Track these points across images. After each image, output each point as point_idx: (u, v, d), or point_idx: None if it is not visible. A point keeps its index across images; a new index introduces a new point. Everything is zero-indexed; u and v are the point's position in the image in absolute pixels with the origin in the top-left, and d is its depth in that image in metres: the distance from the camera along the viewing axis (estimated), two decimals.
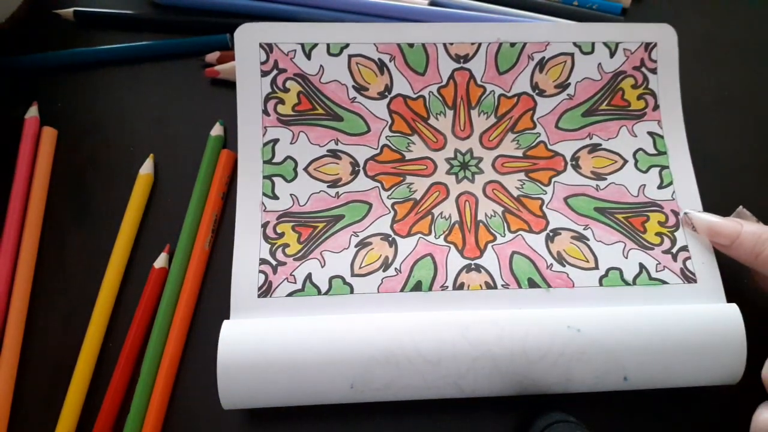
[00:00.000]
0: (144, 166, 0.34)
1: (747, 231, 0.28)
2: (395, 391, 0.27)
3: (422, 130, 0.33)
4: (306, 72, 0.33)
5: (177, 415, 0.29)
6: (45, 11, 0.39)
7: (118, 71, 0.37)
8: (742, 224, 0.29)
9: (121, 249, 0.32)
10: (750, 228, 0.28)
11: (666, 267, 0.31)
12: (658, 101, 0.34)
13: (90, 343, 0.30)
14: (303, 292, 0.30)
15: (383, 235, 0.31)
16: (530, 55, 0.34)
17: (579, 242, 0.32)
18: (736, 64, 0.39)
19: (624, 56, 0.34)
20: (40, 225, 0.33)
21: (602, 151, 0.33)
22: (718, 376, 0.28)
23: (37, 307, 0.31)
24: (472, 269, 0.31)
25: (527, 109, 0.34)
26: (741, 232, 0.28)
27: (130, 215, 0.33)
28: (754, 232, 0.28)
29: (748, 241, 0.28)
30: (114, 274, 0.31)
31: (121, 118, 0.36)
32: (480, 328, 0.27)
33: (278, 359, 0.26)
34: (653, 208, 0.32)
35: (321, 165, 0.33)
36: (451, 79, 0.34)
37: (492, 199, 0.32)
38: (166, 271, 0.31)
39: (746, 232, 0.28)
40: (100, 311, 0.30)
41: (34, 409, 0.29)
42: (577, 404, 0.29)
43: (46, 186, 0.34)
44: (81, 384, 0.29)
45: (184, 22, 0.39)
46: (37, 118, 0.35)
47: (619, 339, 0.27)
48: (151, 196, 0.34)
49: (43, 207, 0.33)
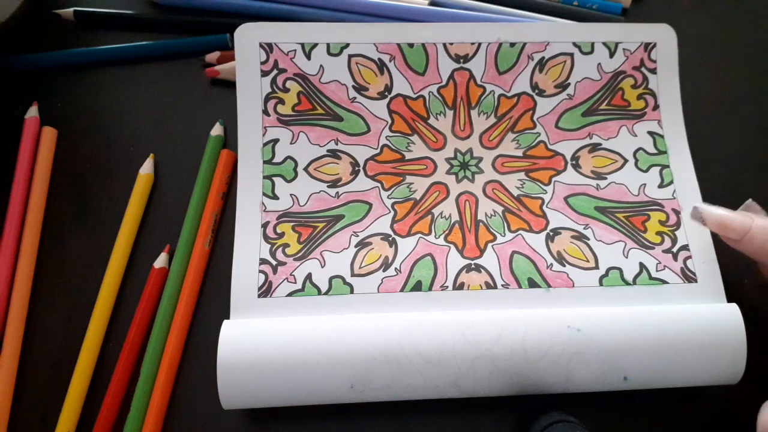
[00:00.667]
0: (144, 166, 0.34)
1: (758, 225, 0.27)
2: (395, 391, 0.27)
3: (422, 130, 0.33)
4: (306, 72, 0.33)
5: (177, 415, 0.29)
6: (45, 11, 0.39)
7: (118, 71, 0.37)
8: (753, 218, 0.28)
9: (122, 249, 0.32)
10: (761, 222, 0.28)
11: (666, 266, 0.31)
12: (657, 101, 0.34)
13: (90, 343, 0.30)
14: (303, 292, 0.30)
15: (383, 235, 0.31)
16: (530, 55, 0.34)
17: (579, 242, 0.32)
18: (737, 64, 0.39)
19: (624, 56, 0.34)
20: (40, 225, 0.33)
21: (602, 150, 0.33)
22: (718, 376, 0.28)
23: (37, 307, 0.31)
24: (472, 269, 0.31)
25: (527, 109, 0.34)
26: (752, 227, 0.27)
27: (130, 215, 0.32)
28: (765, 227, 0.27)
29: (759, 235, 0.27)
30: (114, 274, 0.31)
31: (121, 118, 0.36)
32: (480, 328, 0.27)
33: (278, 359, 0.26)
34: (654, 207, 0.32)
35: (321, 165, 0.33)
36: (451, 79, 0.34)
37: (492, 199, 0.32)
38: (166, 271, 0.31)
39: (757, 226, 0.27)
40: (101, 311, 0.30)
41: (33, 409, 0.29)
42: (577, 404, 0.29)
43: (46, 186, 0.34)
44: (81, 384, 0.29)
45: (184, 22, 0.39)
46: (37, 118, 0.35)
47: (618, 339, 0.27)
48: (151, 196, 0.34)
49: (43, 207, 0.33)
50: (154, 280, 0.31)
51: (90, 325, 0.30)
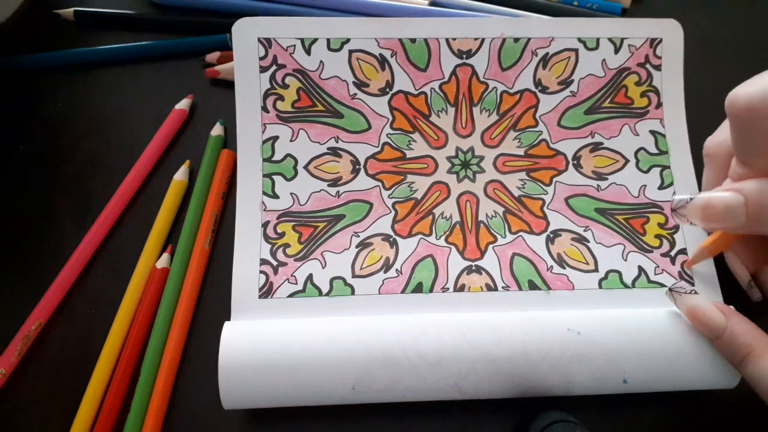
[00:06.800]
0: (178, 173, 0.34)
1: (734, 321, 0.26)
2: (396, 393, 0.27)
3: (423, 127, 0.33)
4: (306, 68, 0.33)
5: (177, 415, 0.29)
6: (45, 11, 0.39)
7: (118, 71, 0.37)
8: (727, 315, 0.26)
9: (149, 254, 0.32)
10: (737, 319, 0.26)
11: (664, 270, 0.31)
12: (661, 99, 0.33)
13: (109, 350, 0.29)
14: (304, 293, 0.30)
15: (384, 235, 0.31)
16: (534, 50, 0.33)
17: (579, 244, 0.31)
18: (737, 64, 0.39)
19: (629, 52, 0.33)
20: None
21: (604, 150, 0.33)
22: (716, 380, 0.27)
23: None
24: (472, 271, 0.30)
25: (529, 106, 0.33)
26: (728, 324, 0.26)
27: (161, 219, 0.33)
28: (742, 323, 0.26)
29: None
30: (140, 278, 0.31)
31: (121, 118, 0.36)
32: (480, 329, 0.27)
33: (280, 360, 0.26)
34: (653, 209, 0.32)
35: (321, 163, 0.32)
36: (453, 75, 0.33)
37: (493, 199, 0.32)
38: (168, 271, 0.31)
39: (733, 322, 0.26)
40: (122, 316, 0.30)
41: (33, 410, 0.29)
42: (577, 404, 0.29)
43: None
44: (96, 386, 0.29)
45: (184, 22, 0.39)
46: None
47: (618, 342, 0.27)
48: None
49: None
50: (155, 280, 0.31)
51: (111, 330, 0.30)
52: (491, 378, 0.26)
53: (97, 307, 0.31)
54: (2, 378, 0.29)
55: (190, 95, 0.36)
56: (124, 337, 0.30)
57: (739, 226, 0.25)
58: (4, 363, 0.29)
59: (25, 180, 0.34)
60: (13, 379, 0.29)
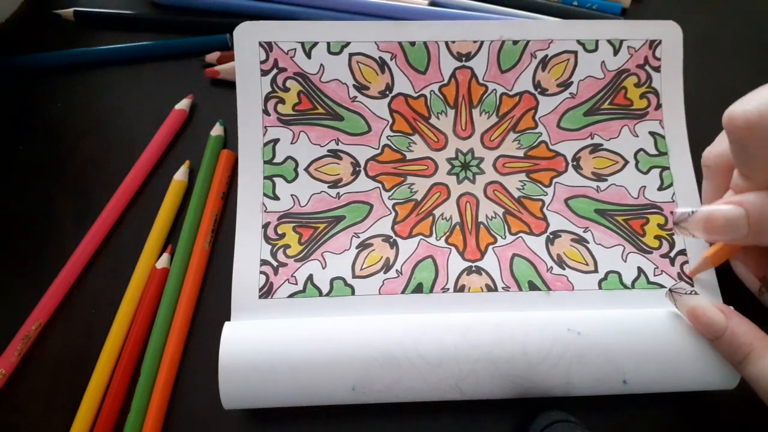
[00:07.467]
0: (178, 172, 0.34)
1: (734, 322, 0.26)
2: (396, 393, 0.27)
3: (423, 129, 0.33)
4: (306, 71, 0.33)
5: (177, 415, 0.29)
6: (45, 11, 0.39)
7: (118, 71, 0.37)
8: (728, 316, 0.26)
9: (149, 254, 0.32)
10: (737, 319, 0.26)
11: (664, 271, 0.31)
12: (660, 100, 0.34)
13: (110, 348, 0.30)
14: (304, 294, 0.30)
15: (384, 236, 0.31)
16: (533, 53, 0.34)
17: (579, 245, 0.31)
18: (737, 64, 0.39)
19: (628, 54, 0.34)
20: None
21: (603, 151, 0.33)
22: (716, 380, 0.27)
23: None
24: (473, 271, 0.31)
25: (529, 108, 0.33)
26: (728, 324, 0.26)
27: (161, 219, 0.33)
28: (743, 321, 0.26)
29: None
30: (140, 279, 0.31)
31: (121, 118, 0.36)
32: (481, 330, 0.27)
33: (280, 360, 0.26)
34: (653, 210, 0.32)
35: (322, 165, 0.32)
36: (452, 77, 0.33)
37: (493, 201, 0.32)
38: (168, 271, 0.31)
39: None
40: (122, 316, 0.30)
41: (33, 410, 0.29)
42: (577, 404, 0.29)
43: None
44: (96, 386, 0.29)
45: (184, 22, 0.39)
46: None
47: (618, 342, 0.27)
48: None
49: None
50: (155, 280, 0.31)
51: (111, 330, 0.30)
52: (491, 378, 0.27)
53: (97, 307, 0.31)
54: (2, 378, 0.29)
55: (190, 95, 0.36)
56: (124, 337, 0.30)
57: (741, 238, 0.25)
58: (4, 363, 0.29)
59: (25, 180, 0.34)
60: (13, 379, 0.29)
